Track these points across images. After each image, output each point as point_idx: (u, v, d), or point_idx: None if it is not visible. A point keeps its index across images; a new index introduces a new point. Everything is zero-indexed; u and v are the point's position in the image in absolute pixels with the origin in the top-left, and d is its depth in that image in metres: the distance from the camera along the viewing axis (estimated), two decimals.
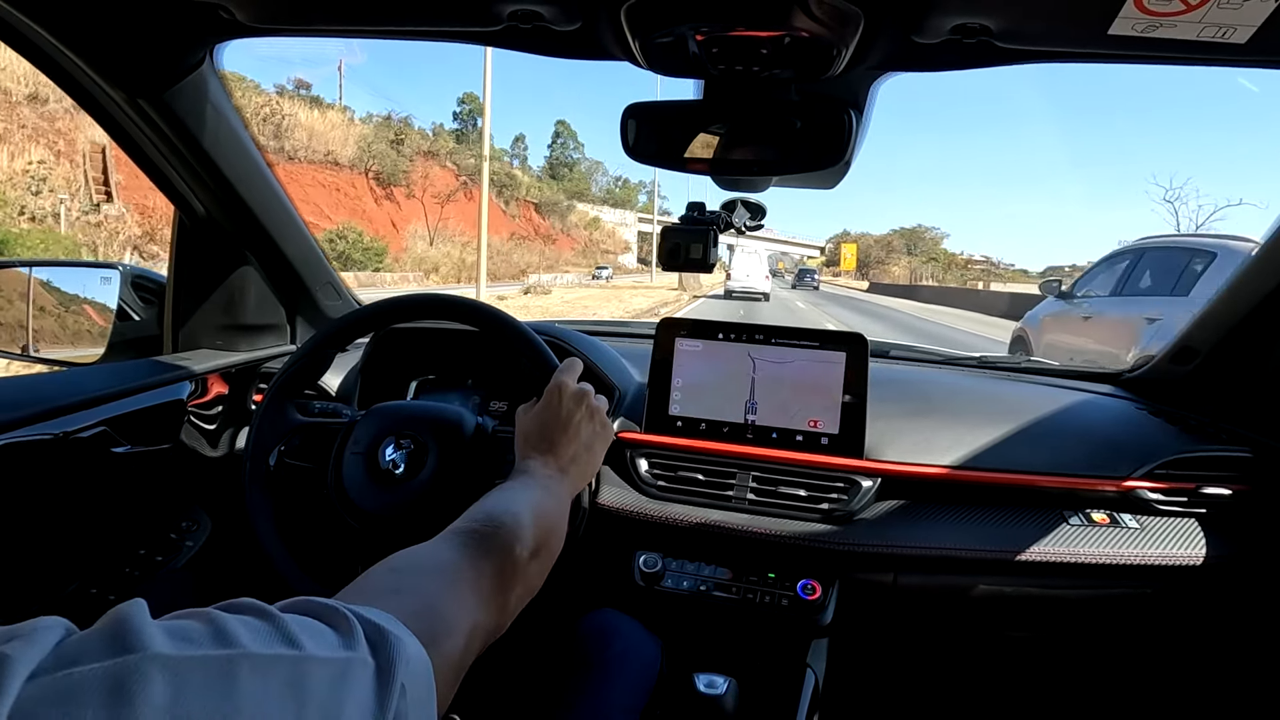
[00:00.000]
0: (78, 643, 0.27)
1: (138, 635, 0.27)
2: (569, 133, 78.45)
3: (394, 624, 0.36)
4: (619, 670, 0.91)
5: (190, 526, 1.24)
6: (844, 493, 1.10)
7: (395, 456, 0.92)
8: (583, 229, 64.02)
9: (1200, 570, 1.04)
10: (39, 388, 0.97)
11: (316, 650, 0.31)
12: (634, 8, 0.72)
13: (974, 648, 1.27)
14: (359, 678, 0.32)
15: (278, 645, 0.30)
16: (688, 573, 1.10)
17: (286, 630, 0.31)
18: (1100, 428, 1.21)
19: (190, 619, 0.30)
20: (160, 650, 0.27)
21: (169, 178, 1.11)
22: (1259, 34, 0.65)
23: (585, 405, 0.81)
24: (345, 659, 0.32)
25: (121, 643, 0.27)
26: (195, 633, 0.29)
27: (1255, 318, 1.11)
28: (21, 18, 0.82)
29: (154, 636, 0.27)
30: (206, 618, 0.30)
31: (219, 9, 0.83)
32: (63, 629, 0.28)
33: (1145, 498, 1.09)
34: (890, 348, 1.59)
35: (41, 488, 0.97)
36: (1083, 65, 0.81)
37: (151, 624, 0.28)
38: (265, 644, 0.30)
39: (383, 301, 1.00)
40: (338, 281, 1.43)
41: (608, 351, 1.33)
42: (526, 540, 0.60)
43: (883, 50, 0.79)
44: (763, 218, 1.14)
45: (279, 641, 0.30)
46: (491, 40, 0.86)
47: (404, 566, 0.51)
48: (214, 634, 0.29)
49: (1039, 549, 1.04)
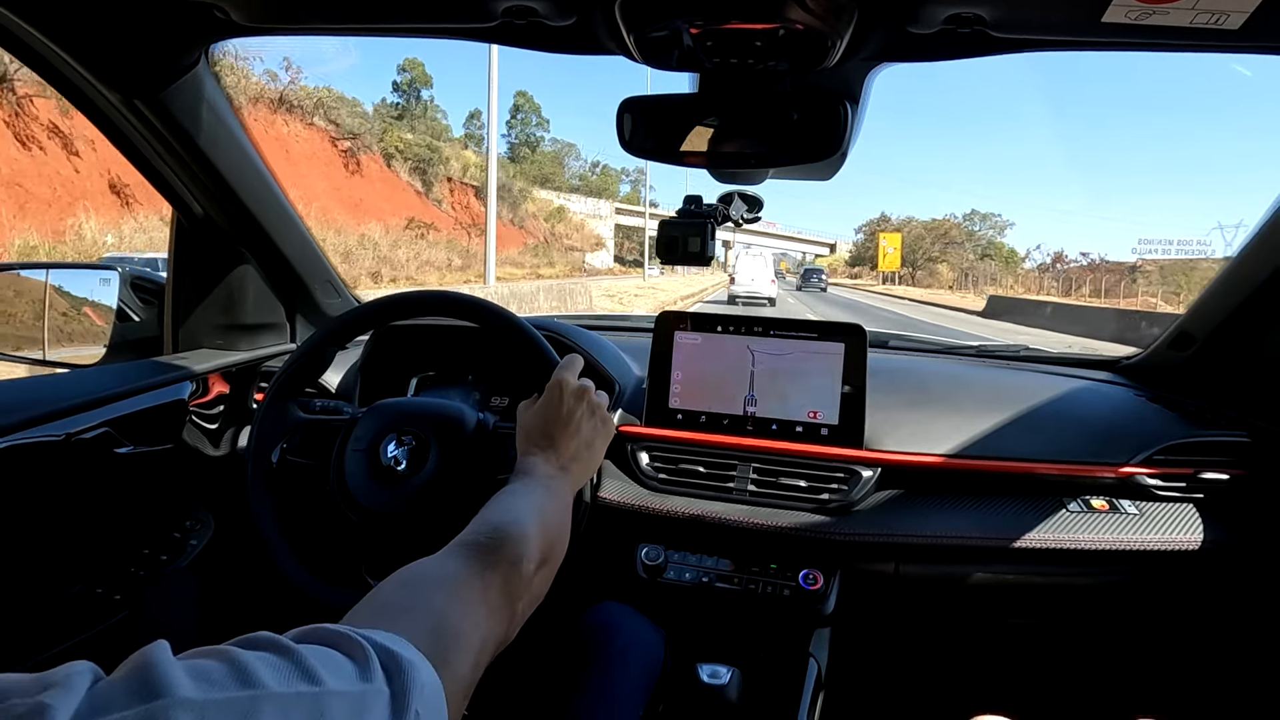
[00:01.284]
0: (107, 688, 0.28)
1: (163, 680, 0.28)
2: (531, 106, 63.79)
3: (407, 648, 0.37)
4: (623, 662, 0.92)
5: (194, 526, 1.25)
6: (844, 483, 1.10)
7: (397, 453, 0.93)
8: (542, 220, 51.56)
9: (1199, 555, 1.04)
10: (41, 390, 0.97)
11: (335, 685, 0.32)
12: (628, 2, 0.72)
13: (976, 635, 1.27)
14: (375, 708, 0.33)
15: (298, 683, 0.31)
16: (690, 565, 1.11)
17: (305, 666, 0.32)
18: (1099, 414, 1.22)
19: (210, 658, 0.31)
20: (185, 695, 0.28)
21: (166, 178, 1.11)
22: (1252, 20, 0.65)
23: (586, 401, 0.81)
24: (362, 691, 0.33)
25: (148, 689, 0.28)
26: (217, 674, 0.30)
27: (1252, 303, 1.11)
28: (15, 19, 0.82)
29: (179, 681, 0.28)
30: (226, 657, 0.31)
31: (214, 9, 0.83)
32: (91, 674, 0.29)
33: (1144, 483, 1.10)
34: (889, 338, 1.60)
35: (45, 489, 0.97)
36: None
37: (175, 667, 0.29)
38: (286, 682, 0.31)
39: (382, 299, 1.00)
40: (337, 279, 1.43)
41: (607, 346, 1.34)
42: (533, 552, 0.60)
43: (877, 41, 0.79)
44: (760, 210, 1.14)
45: (299, 679, 0.31)
46: (486, 36, 0.86)
47: (413, 581, 0.52)
48: (235, 674, 0.30)
49: (1039, 536, 1.04)
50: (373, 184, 31.13)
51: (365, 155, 31.33)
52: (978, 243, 65.13)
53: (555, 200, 55.78)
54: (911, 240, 63.65)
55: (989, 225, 65.67)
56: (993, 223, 65.60)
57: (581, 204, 59.52)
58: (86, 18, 0.85)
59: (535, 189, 53.69)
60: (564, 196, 58.14)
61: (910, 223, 69.67)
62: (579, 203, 59.39)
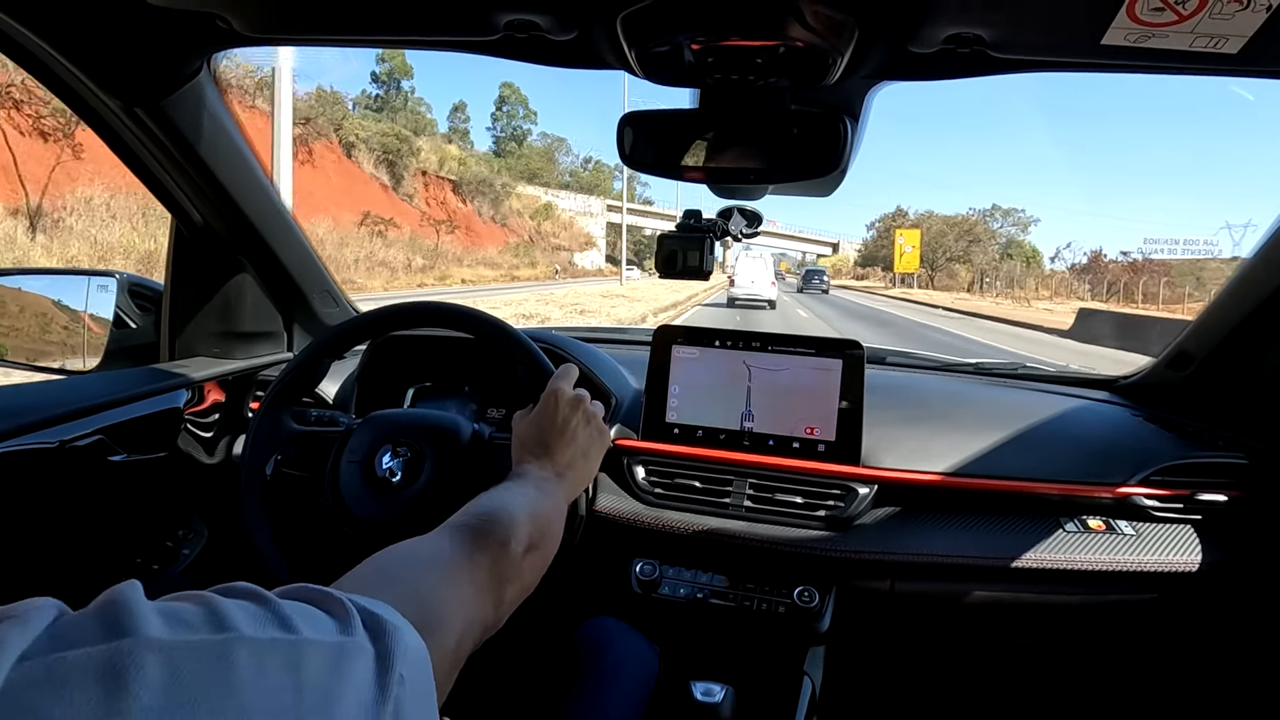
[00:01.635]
0: (70, 624, 0.27)
1: (132, 619, 0.27)
2: (517, 98, 60.51)
3: (391, 613, 0.36)
4: (616, 679, 0.91)
5: (187, 535, 1.24)
6: (840, 499, 1.10)
7: (392, 464, 0.92)
8: (527, 218, 48.17)
9: (1197, 576, 1.04)
10: (36, 396, 0.97)
11: (313, 634, 0.31)
12: (630, 17, 0.72)
13: (972, 655, 1.26)
14: (357, 662, 0.31)
15: (273, 629, 0.30)
16: (685, 580, 1.10)
17: (282, 614, 0.31)
18: (1096, 434, 1.22)
19: (186, 601, 0.30)
20: (155, 635, 0.26)
21: (166, 186, 1.11)
22: (1250, 44, 0.65)
23: (581, 411, 0.81)
24: (341, 643, 0.31)
25: (116, 626, 0.26)
26: (190, 616, 0.28)
27: (1250, 323, 1.11)
28: (18, 27, 0.82)
29: (148, 620, 0.27)
30: (202, 600, 0.30)
31: (216, 19, 0.83)
32: (55, 609, 0.27)
33: (1141, 504, 1.09)
34: (886, 354, 1.60)
35: (39, 497, 0.97)
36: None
37: (147, 607, 0.28)
38: (261, 628, 0.29)
39: (379, 310, 1.00)
40: (335, 289, 1.43)
41: (604, 358, 1.34)
42: (521, 536, 0.60)
43: (877, 59, 0.80)
44: (759, 225, 1.14)
45: (275, 626, 0.30)
46: (488, 50, 0.87)
47: (400, 557, 0.52)
48: (209, 618, 0.29)
49: (1035, 556, 1.04)
50: (326, 175, 29.19)
51: (320, 143, 29.25)
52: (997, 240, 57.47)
53: (543, 196, 52.95)
54: (931, 238, 55.12)
55: (1011, 221, 57.65)
56: (1016, 219, 57.51)
57: (571, 201, 56.06)
58: (89, 26, 0.85)
59: (521, 185, 50.79)
60: (553, 193, 54.94)
61: (930, 217, 59.72)
62: (568, 199, 56.16)
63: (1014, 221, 57.63)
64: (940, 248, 55.37)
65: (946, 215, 59.86)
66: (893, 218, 62.99)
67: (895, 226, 57.43)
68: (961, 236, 55.68)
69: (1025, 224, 57.65)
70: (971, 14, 0.69)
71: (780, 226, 76.03)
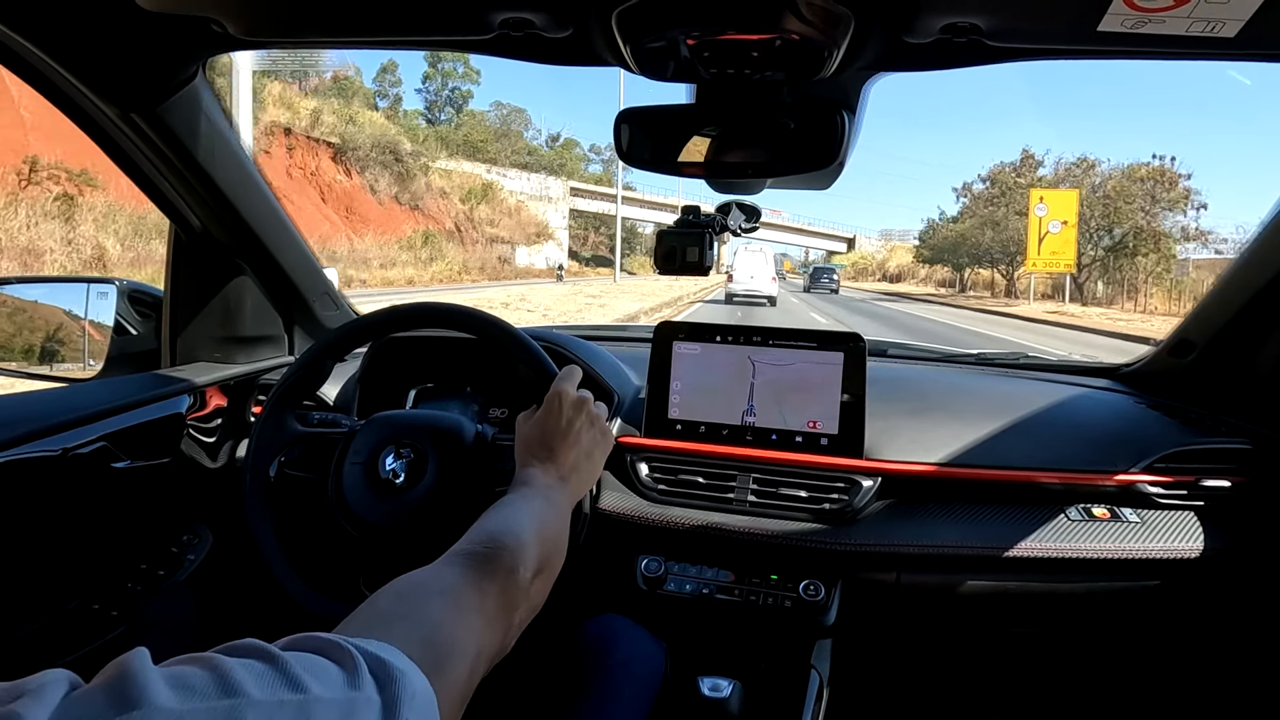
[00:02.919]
0: (83, 698, 0.27)
1: (141, 690, 0.27)
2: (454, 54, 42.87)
3: (398, 657, 0.37)
4: (623, 675, 0.91)
5: (191, 540, 1.24)
6: (844, 493, 1.10)
7: (395, 466, 0.92)
8: (456, 200, 36.74)
9: (1201, 563, 1.04)
10: (38, 405, 0.97)
11: (322, 691, 0.31)
12: (625, 13, 0.72)
13: (978, 645, 1.27)
14: (365, 717, 0.32)
15: (281, 690, 0.30)
16: (690, 576, 1.10)
17: (290, 673, 0.31)
18: (1099, 422, 1.22)
19: (192, 665, 0.30)
20: (164, 704, 0.27)
21: (164, 192, 1.11)
22: (1248, 27, 0.65)
23: (585, 412, 0.81)
24: (350, 699, 0.32)
25: (125, 699, 0.27)
26: (198, 681, 0.29)
27: (1252, 309, 1.11)
28: (12, 34, 0.82)
29: (158, 690, 0.27)
30: (209, 664, 0.30)
31: (210, 23, 0.83)
32: (68, 683, 0.28)
33: (1145, 491, 1.09)
34: (888, 346, 1.60)
35: (42, 505, 0.97)
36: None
37: (154, 675, 0.28)
38: (269, 690, 0.30)
39: (380, 311, 1.00)
40: (335, 292, 1.43)
41: (606, 357, 1.33)
42: (530, 561, 0.60)
43: (873, 51, 0.80)
44: (758, 219, 1.14)
45: (283, 686, 0.30)
46: (483, 48, 0.87)
47: (408, 591, 0.51)
48: (217, 682, 0.29)
49: (1040, 545, 1.04)
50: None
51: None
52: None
53: (484, 174, 40.79)
54: (1096, 202, 27.34)
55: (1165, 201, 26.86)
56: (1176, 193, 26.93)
57: (521, 181, 43.41)
58: (83, 32, 0.85)
59: (453, 160, 39.73)
60: (499, 171, 42.77)
61: (1090, 170, 29.49)
62: (517, 179, 43.38)
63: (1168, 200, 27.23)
64: (1113, 218, 26.95)
65: (1124, 166, 28.57)
66: (1016, 169, 32.73)
67: (1033, 185, 28.87)
68: (1157, 201, 26.81)
69: (1178, 199, 27.07)
70: (967, 3, 0.69)
71: (786, 218, 64.03)
